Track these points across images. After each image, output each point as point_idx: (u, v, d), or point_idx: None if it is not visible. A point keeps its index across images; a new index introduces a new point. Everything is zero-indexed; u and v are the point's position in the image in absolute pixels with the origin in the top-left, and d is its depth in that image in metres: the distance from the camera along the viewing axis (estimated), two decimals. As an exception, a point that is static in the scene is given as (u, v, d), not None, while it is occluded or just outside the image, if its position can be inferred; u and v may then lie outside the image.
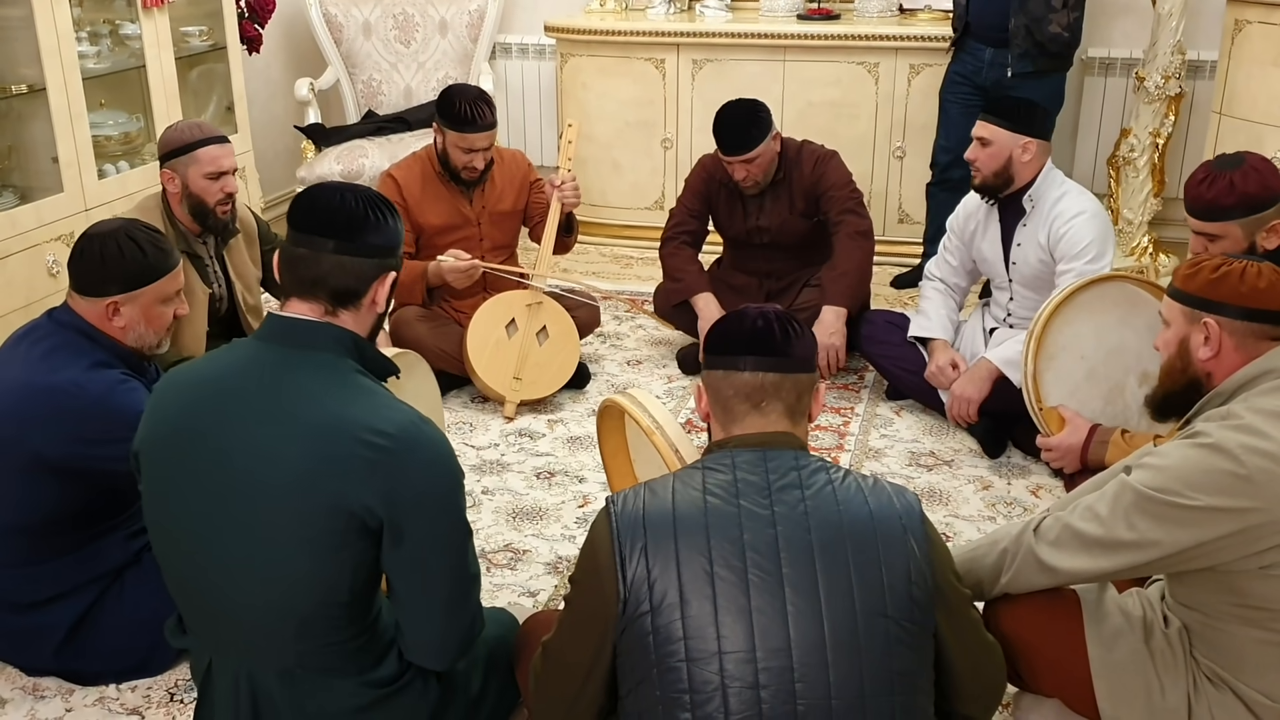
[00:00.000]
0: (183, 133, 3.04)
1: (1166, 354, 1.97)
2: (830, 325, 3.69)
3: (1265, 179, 2.63)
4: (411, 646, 1.86)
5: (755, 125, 3.69)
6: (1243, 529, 1.72)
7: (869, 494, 1.63)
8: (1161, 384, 1.99)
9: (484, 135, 3.64)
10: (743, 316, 1.76)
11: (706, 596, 1.54)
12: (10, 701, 2.36)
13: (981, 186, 3.39)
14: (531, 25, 5.62)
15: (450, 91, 3.66)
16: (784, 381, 1.71)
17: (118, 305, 2.31)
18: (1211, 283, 1.89)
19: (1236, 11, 4.24)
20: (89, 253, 2.31)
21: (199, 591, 1.84)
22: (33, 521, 2.29)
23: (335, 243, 1.79)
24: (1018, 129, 3.29)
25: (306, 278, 1.79)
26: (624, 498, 1.64)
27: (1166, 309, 1.98)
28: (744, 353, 1.71)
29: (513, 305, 3.71)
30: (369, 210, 1.83)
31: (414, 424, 1.75)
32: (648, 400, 2.27)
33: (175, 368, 1.93)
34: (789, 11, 5.15)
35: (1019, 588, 1.93)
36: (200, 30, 4.43)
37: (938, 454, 3.40)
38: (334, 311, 1.81)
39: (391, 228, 1.86)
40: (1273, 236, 2.62)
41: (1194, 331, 1.91)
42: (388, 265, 1.85)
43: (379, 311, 1.87)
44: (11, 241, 3.52)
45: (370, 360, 1.85)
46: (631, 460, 2.56)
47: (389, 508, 1.71)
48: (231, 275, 3.20)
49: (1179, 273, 1.97)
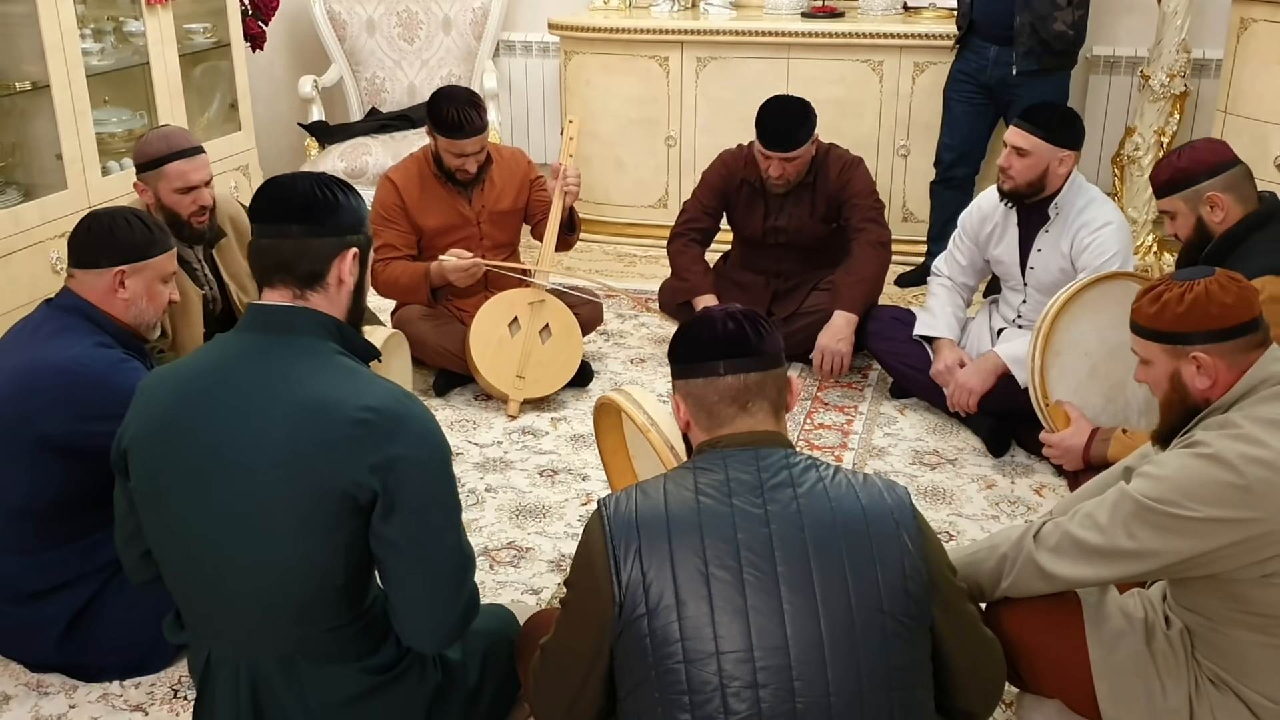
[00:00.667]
0: (153, 145, 2.99)
1: (1159, 391, 1.93)
2: (839, 331, 3.68)
3: (1198, 154, 2.78)
4: (406, 628, 1.86)
5: (804, 126, 3.68)
6: (1243, 539, 1.72)
7: (860, 490, 1.64)
8: (1164, 419, 1.95)
9: (473, 140, 3.61)
10: (709, 322, 1.75)
11: (703, 597, 1.54)
12: (14, 698, 2.37)
13: (1011, 193, 3.32)
14: (535, 23, 5.62)
15: (439, 96, 3.62)
16: (765, 379, 1.71)
17: (125, 276, 2.37)
18: (1181, 316, 1.85)
19: (1242, 10, 4.23)
20: (96, 228, 2.38)
21: (196, 584, 1.85)
22: (39, 505, 2.31)
23: (296, 226, 1.82)
24: (1057, 142, 3.23)
25: (270, 265, 1.83)
26: (616, 500, 1.64)
27: (1142, 348, 1.93)
28: (721, 357, 1.71)
29: (515, 303, 3.71)
30: (321, 190, 1.85)
31: (398, 400, 1.78)
32: (643, 397, 2.27)
33: (160, 366, 1.94)
34: (793, 9, 5.14)
35: (1019, 593, 1.93)
36: (204, 27, 4.43)
37: (941, 453, 3.40)
38: (303, 295, 1.83)
39: (346, 204, 1.87)
40: (1216, 210, 2.73)
41: (1183, 365, 1.87)
42: (346, 242, 1.86)
43: (349, 289, 1.88)
44: (15, 238, 3.52)
45: (351, 343, 1.87)
46: (631, 457, 2.57)
47: (380, 479, 1.72)
48: (224, 276, 3.20)
49: (1141, 311, 1.92)
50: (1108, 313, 3.00)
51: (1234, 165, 2.76)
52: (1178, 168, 2.78)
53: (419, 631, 1.85)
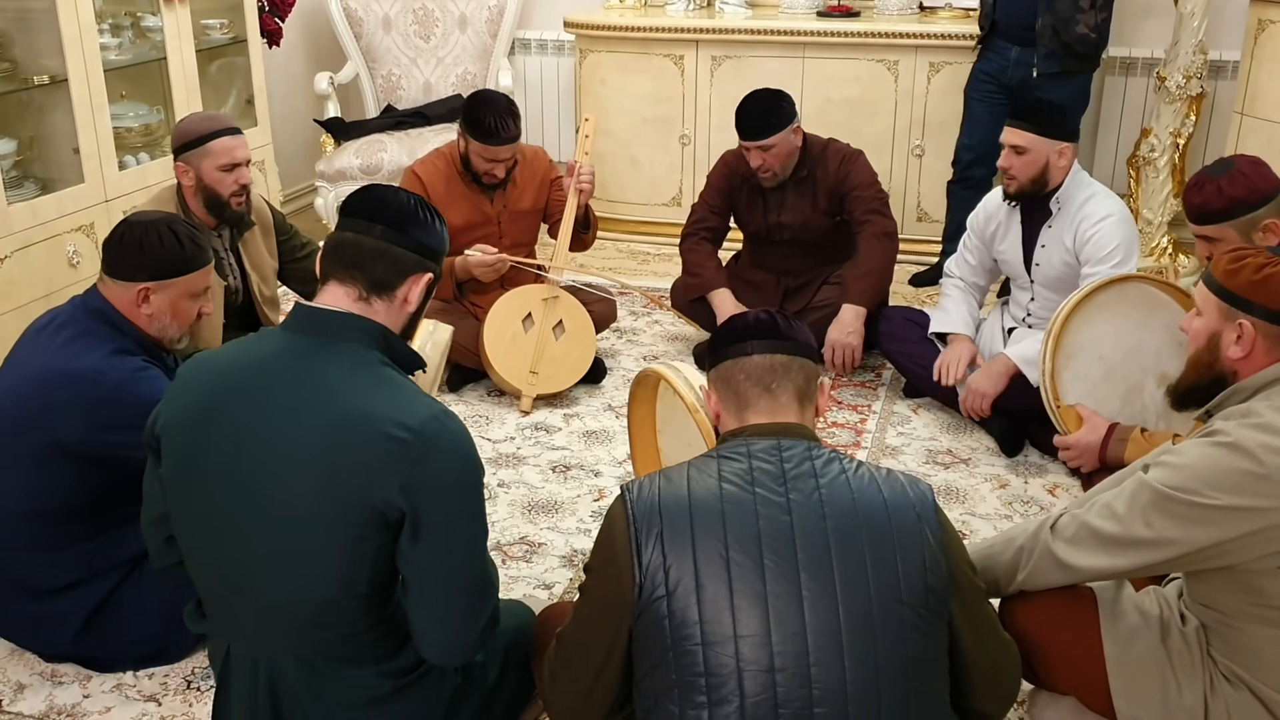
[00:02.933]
0: (196, 125, 3.03)
1: (1195, 345, 1.94)
2: (849, 324, 3.68)
3: (1251, 181, 2.68)
4: (424, 643, 1.85)
5: (775, 114, 3.69)
6: (1262, 528, 1.71)
7: (883, 483, 1.64)
8: (1186, 375, 1.97)
9: (507, 148, 3.63)
10: (742, 315, 1.84)
11: (722, 581, 1.54)
12: (29, 687, 2.38)
13: (1018, 194, 3.32)
14: (551, 21, 5.63)
15: (478, 101, 3.62)
16: (792, 363, 1.76)
17: (149, 293, 2.34)
18: (1254, 284, 1.86)
19: (1259, 11, 4.21)
20: (129, 238, 2.35)
21: (221, 576, 1.85)
22: (48, 508, 2.31)
23: (382, 228, 1.82)
24: (1051, 134, 3.24)
25: (348, 259, 1.82)
26: (639, 485, 1.65)
27: (1201, 298, 1.94)
28: (751, 338, 1.77)
29: (529, 299, 3.72)
30: (420, 208, 1.87)
31: (437, 419, 1.75)
32: (691, 373, 2.25)
33: (201, 353, 1.94)
34: (808, 8, 5.14)
35: (1035, 585, 1.93)
36: (221, 23, 4.45)
37: (955, 452, 3.39)
38: (367, 298, 1.82)
39: (437, 230, 1.89)
40: (1270, 235, 2.65)
41: (1227, 329, 1.88)
42: (426, 266, 1.87)
43: (410, 311, 1.88)
44: (33, 231, 3.54)
45: (398, 353, 1.85)
46: (657, 431, 2.55)
47: (409, 500, 1.71)
48: (247, 267, 3.21)
49: (1220, 264, 1.92)
50: (1124, 315, 2.99)
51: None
52: (1231, 197, 2.66)
53: (437, 647, 1.84)
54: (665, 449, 2.59)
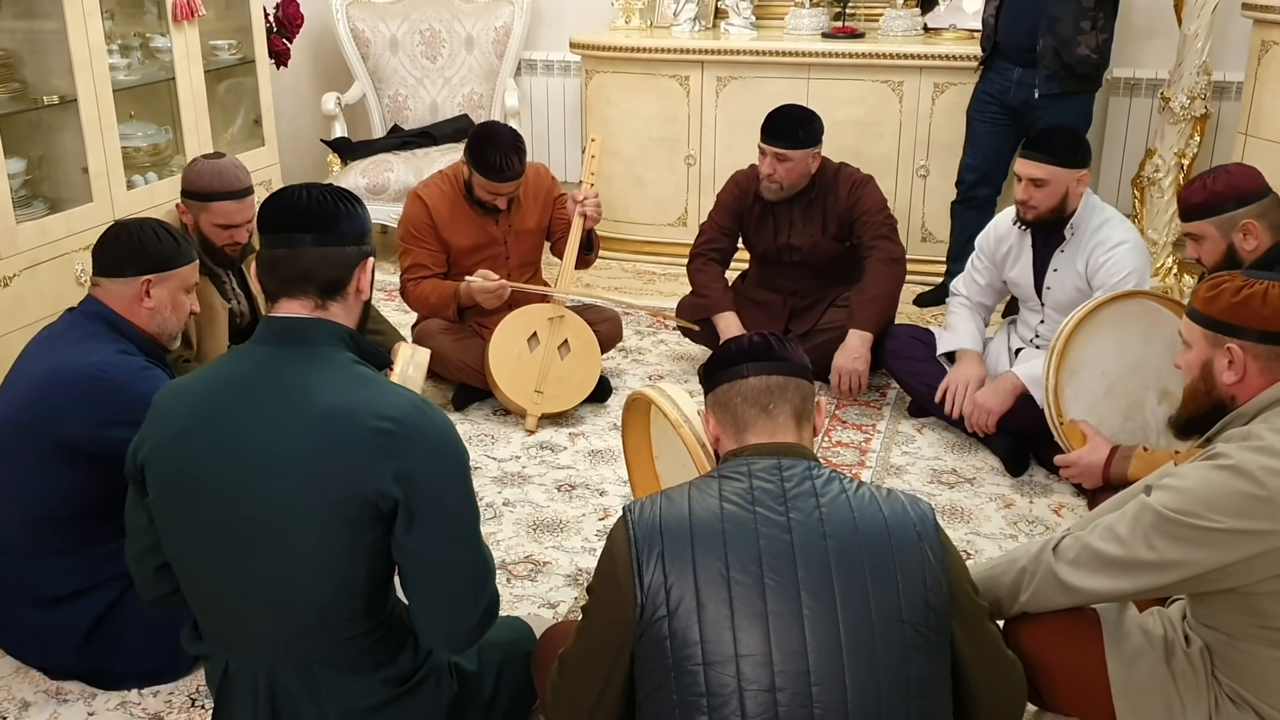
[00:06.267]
0: (204, 178, 3.05)
1: (1189, 376, 1.95)
2: (855, 350, 3.69)
3: (1235, 179, 2.76)
4: (425, 631, 1.86)
5: (806, 129, 3.72)
6: (1264, 551, 1.71)
7: (883, 503, 1.65)
8: (1185, 406, 1.98)
9: (510, 185, 3.65)
10: (737, 339, 1.87)
11: (723, 600, 1.55)
12: (34, 704, 2.38)
13: (1036, 223, 3.31)
14: (557, 42, 5.66)
15: (482, 138, 3.61)
16: (788, 384, 1.78)
17: (151, 285, 2.41)
18: (1233, 306, 1.87)
19: (1263, 33, 4.23)
20: (124, 236, 2.43)
21: (218, 593, 1.85)
22: (60, 510, 2.33)
23: (313, 236, 1.82)
24: (1072, 165, 3.23)
25: (292, 275, 1.83)
26: (641, 506, 1.66)
27: (1187, 330, 1.96)
28: (745, 361, 1.79)
29: (535, 319, 3.73)
30: (337, 202, 1.87)
31: (418, 407, 1.79)
32: (677, 394, 2.27)
33: (174, 380, 1.96)
34: (814, 30, 5.16)
35: (1038, 607, 1.92)
36: (229, 44, 4.47)
37: (959, 471, 3.39)
38: (324, 305, 1.84)
39: (360, 216, 1.91)
40: (1249, 238, 2.72)
41: (1217, 356, 1.89)
42: (365, 251, 1.89)
43: (364, 299, 1.91)
44: (41, 250, 3.55)
45: (365, 352, 1.89)
46: (654, 457, 2.56)
47: (401, 487, 1.73)
48: (252, 289, 3.24)
49: (1199, 294, 1.95)
50: (1126, 331, 2.99)
51: (1268, 193, 2.75)
52: (1213, 191, 2.76)
53: (438, 634, 1.86)
54: (664, 474, 2.59)
